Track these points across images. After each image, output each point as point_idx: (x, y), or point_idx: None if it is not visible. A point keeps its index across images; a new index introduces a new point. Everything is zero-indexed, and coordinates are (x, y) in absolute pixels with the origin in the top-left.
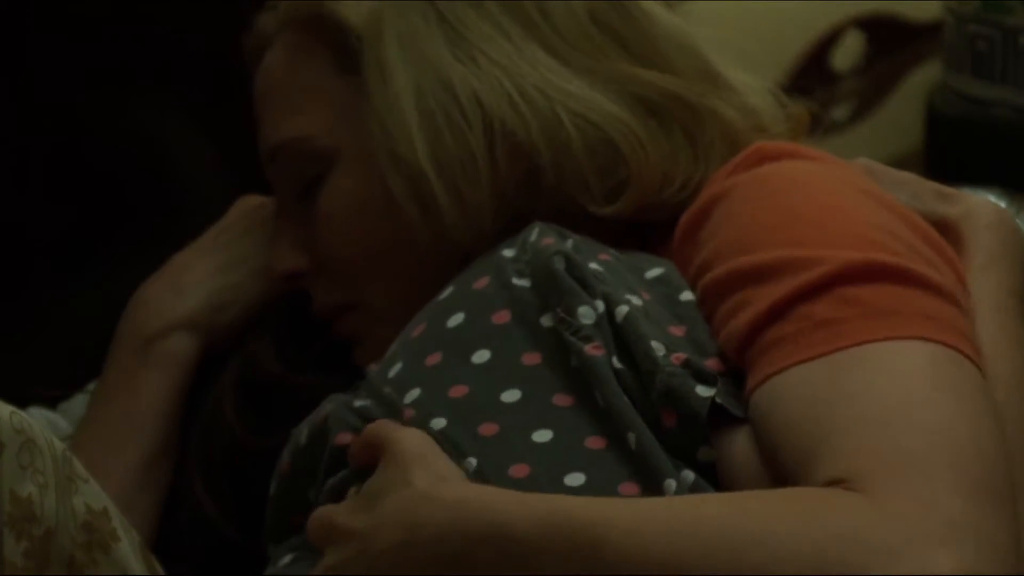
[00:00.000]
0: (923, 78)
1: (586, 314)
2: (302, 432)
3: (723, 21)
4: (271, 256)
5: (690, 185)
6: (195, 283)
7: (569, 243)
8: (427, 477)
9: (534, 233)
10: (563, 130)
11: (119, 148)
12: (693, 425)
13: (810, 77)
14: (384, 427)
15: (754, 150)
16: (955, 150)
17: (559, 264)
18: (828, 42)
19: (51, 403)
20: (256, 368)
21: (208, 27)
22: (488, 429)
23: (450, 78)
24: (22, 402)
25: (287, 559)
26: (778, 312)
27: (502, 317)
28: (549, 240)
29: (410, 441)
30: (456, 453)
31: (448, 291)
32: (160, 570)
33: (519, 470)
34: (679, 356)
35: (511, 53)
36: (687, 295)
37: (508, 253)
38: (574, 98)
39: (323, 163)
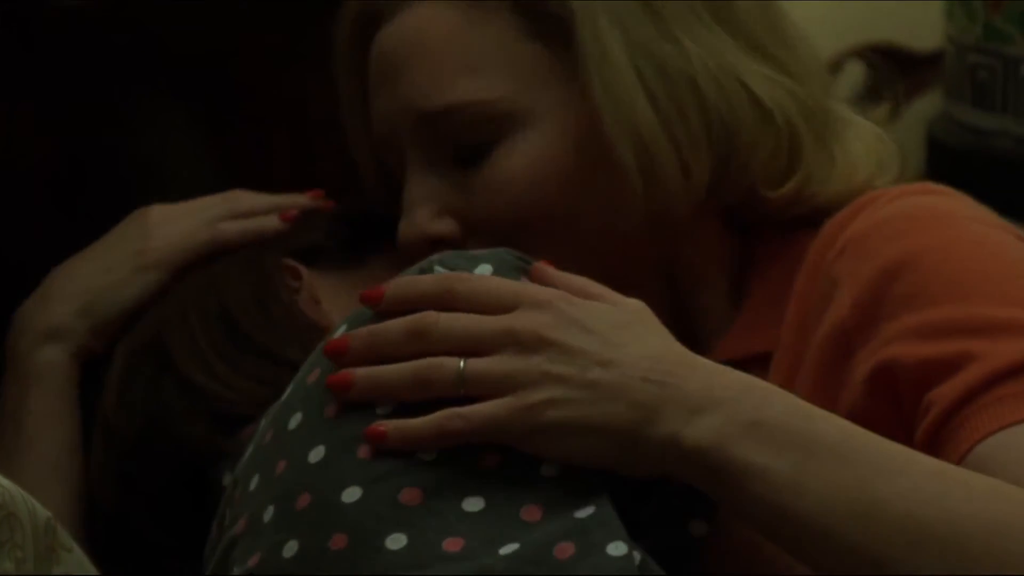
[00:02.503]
0: (923, 108)
1: None
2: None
3: None
4: (409, 222)
5: (818, 199)
6: (60, 291)
7: None
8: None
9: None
10: (763, 110)
11: (121, 169)
12: None
13: None
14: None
15: (921, 186)
16: (955, 180)
17: None
18: (829, 72)
19: None
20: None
21: (212, 37)
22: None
23: (663, 58)
24: None
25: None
26: (1015, 372)
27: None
28: None
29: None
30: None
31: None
32: None
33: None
34: None
35: (706, 35)
36: None
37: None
38: (766, 82)
39: (501, 127)
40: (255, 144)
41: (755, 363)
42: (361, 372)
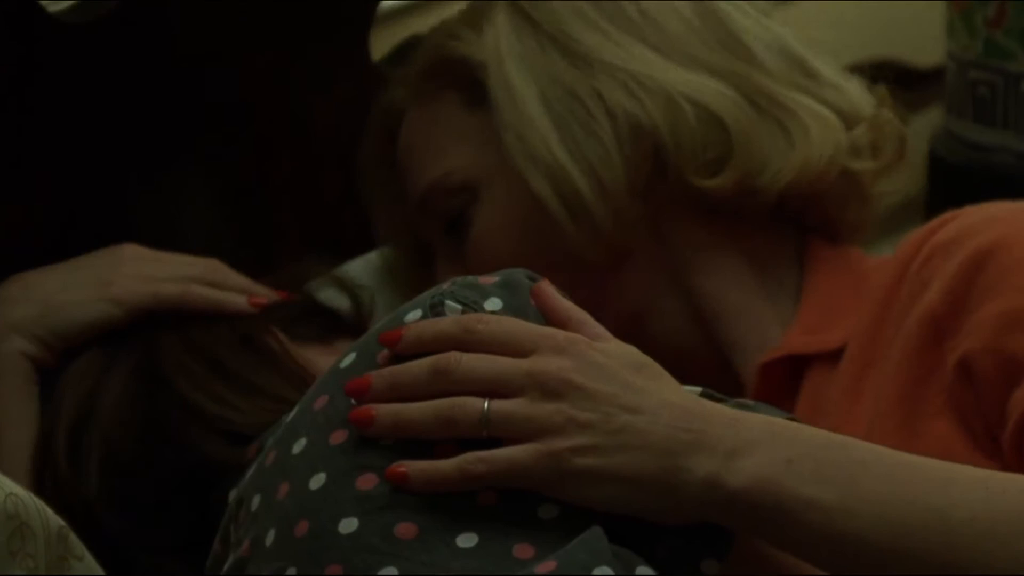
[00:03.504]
0: (925, 124)
1: None
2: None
3: None
4: None
5: (784, 175)
6: (18, 295)
7: None
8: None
9: None
10: (677, 106)
11: (119, 187)
12: None
13: None
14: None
15: (1002, 203)
16: (956, 196)
17: None
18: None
19: None
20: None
21: (215, 55)
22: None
23: (571, 82)
24: None
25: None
26: None
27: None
28: None
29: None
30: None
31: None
32: None
33: None
34: None
35: (618, 53)
36: None
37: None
38: (681, 81)
39: (468, 194)
40: (258, 163)
41: (822, 359)
42: (384, 408)
